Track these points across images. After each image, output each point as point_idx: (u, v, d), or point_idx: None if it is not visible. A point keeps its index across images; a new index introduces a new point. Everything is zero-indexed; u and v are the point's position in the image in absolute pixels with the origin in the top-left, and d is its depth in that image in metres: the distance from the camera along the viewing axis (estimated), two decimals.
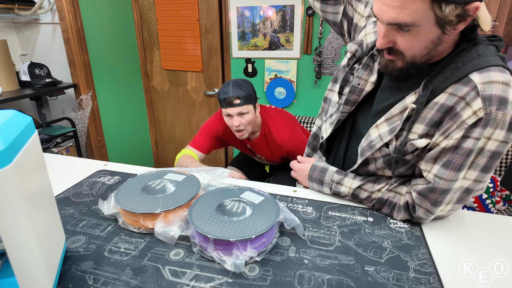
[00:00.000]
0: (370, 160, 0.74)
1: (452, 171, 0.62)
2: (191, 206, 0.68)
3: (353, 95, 0.76)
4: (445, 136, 0.62)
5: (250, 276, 0.56)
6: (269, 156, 1.50)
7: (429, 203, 0.66)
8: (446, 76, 0.61)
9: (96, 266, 0.58)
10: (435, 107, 0.62)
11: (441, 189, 0.64)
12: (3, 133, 0.42)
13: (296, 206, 0.78)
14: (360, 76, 0.75)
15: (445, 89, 0.61)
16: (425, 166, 0.67)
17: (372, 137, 0.71)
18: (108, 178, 0.91)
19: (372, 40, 0.76)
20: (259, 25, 2.32)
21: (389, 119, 0.69)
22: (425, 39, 0.58)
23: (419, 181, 0.69)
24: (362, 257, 0.62)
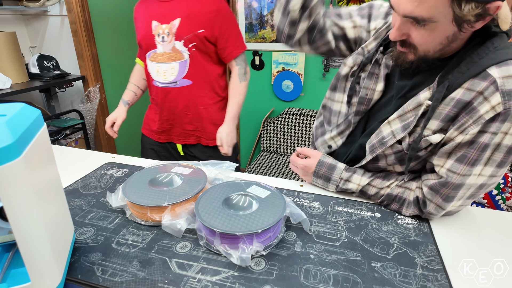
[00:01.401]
0: (380, 156, 0.73)
1: (466, 165, 0.61)
2: (197, 199, 0.68)
3: (363, 106, 0.77)
4: (461, 131, 0.60)
5: (256, 270, 0.57)
6: (187, 27, 1.16)
7: (440, 198, 0.66)
8: (462, 71, 0.60)
9: (104, 258, 0.59)
10: (451, 103, 0.61)
11: (454, 184, 0.63)
12: (12, 126, 0.42)
13: (303, 200, 0.78)
14: (367, 87, 0.75)
15: (461, 84, 0.59)
16: (437, 161, 0.65)
17: (384, 134, 0.70)
18: (116, 170, 0.92)
19: (373, 46, 0.75)
20: (266, 17, 2.29)
21: (402, 116, 0.67)
22: (440, 35, 0.57)
23: (430, 176, 0.68)
24: (369, 253, 0.61)
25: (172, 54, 1.19)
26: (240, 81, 1.28)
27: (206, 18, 1.17)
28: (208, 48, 1.21)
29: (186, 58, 1.20)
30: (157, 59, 1.20)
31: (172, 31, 1.16)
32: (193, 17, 1.16)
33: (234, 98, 1.29)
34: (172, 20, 1.16)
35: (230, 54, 1.24)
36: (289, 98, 2.47)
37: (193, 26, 1.17)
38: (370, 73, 0.75)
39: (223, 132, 1.24)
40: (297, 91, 2.42)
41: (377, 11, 0.78)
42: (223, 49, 1.22)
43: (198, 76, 1.23)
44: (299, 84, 2.40)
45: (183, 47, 1.18)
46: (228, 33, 1.22)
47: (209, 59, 1.24)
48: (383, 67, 0.74)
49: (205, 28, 1.17)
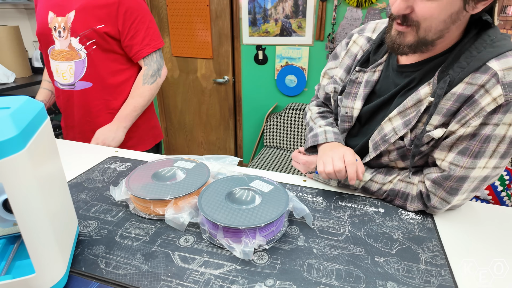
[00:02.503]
0: (383, 153, 0.73)
1: (468, 158, 0.61)
2: (200, 193, 0.68)
3: (346, 123, 0.80)
4: (462, 124, 0.60)
5: (259, 264, 0.57)
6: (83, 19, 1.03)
7: (444, 191, 0.65)
8: (462, 66, 0.59)
9: (107, 251, 0.59)
10: (452, 98, 0.60)
11: (457, 177, 0.63)
12: (15, 119, 0.42)
13: (306, 195, 0.78)
14: (345, 105, 0.78)
15: (462, 79, 0.59)
16: (439, 155, 0.65)
17: (386, 131, 0.70)
18: (119, 164, 0.92)
19: (341, 73, 0.81)
20: (270, 10, 2.27)
21: (403, 112, 0.67)
22: (446, 10, 0.55)
23: (433, 170, 0.67)
24: (372, 247, 0.61)
25: (69, 52, 1.05)
26: (143, 82, 1.14)
27: (105, 12, 1.02)
28: (112, 46, 1.07)
29: (83, 57, 1.06)
30: (56, 56, 1.07)
31: (68, 26, 1.02)
32: (90, 10, 1.01)
33: (131, 98, 1.14)
34: (68, 12, 1.01)
35: (138, 54, 1.11)
36: (292, 93, 2.46)
37: (90, 21, 1.02)
38: (346, 93, 0.78)
39: (98, 131, 1.10)
40: (301, 86, 2.41)
41: (339, 47, 0.85)
42: (129, 47, 1.09)
43: (100, 78, 1.10)
44: (303, 79, 2.38)
45: (79, 45, 1.04)
46: (134, 29, 1.07)
47: (116, 58, 1.11)
48: (364, 85, 0.75)
49: (106, 23, 1.03)
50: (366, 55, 0.76)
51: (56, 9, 1.02)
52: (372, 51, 0.75)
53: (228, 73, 2.53)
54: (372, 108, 0.74)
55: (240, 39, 2.40)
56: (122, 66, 1.13)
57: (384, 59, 0.73)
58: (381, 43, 0.75)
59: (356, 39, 0.80)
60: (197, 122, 2.83)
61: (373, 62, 0.75)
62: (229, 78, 2.53)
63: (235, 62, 2.50)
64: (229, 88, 2.58)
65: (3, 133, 0.39)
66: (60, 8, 1.02)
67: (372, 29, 0.78)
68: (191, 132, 2.90)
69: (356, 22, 2.13)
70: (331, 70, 0.87)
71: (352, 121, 0.78)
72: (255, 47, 2.41)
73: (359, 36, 0.80)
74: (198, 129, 2.86)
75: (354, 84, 0.77)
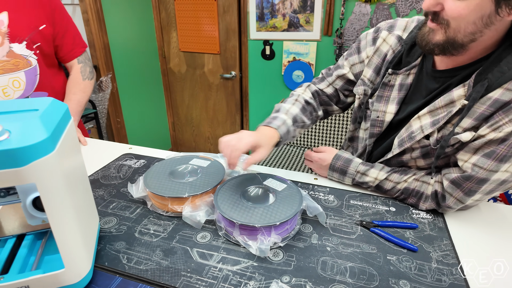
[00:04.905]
0: (407, 150, 0.73)
1: (493, 161, 0.61)
2: (216, 191, 0.70)
3: (376, 128, 0.79)
4: (494, 129, 0.59)
5: (275, 261, 0.58)
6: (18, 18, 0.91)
7: (461, 192, 0.66)
8: (503, 70, 0.57)
9: (128, 246, 0.61)
10: (487, 102, 0.59)
11: (478, 178, 0.63)
12: (45, 122, 0.44)
13: (318, 194, 0.79)
14: (377, 109, 0.77)
15: (501, 84, 0.58)
16: (462, 156, 0.65)
17: (413, 128, 0.70)
18: (134, 161, 0.94)
19: (370, 73, 0.79)
20: (278, 5, 2.26)
21: (433, 111, 0.67)
22: (476, 11, 0.54)
23: (452, 170, 0.68)
24: (384, 246, 0.62)
25: (10, 61, 0.90)
26: (83, 78, 1.08)
27: (42, 11, 0.93)
28: (51, 48, 0.99)
29: (34, 64, 0.94)
30: None
31: (2, 30, 0.87)
32: (27, 10, 0.90)
33: (73, 94, 1.06)
34: None
35: (71, 53, 1.05)
36: None
37: (31, 21, 0.91)
38: (378, 97, 0.77)
39: None
40: (308, 81, 2.39)
41: (364, 41, 0.82)
42: (59, 46, 1.01)
43: (52, 85, 1.02)
44: (310, 74, 2.38)
45: (27, 51, 0.92)
46: (65, 28, 1.01)
47: (53, 62, 1.03)
48: (397, 89, 0.74)
49: (46, 23, 0.93)
50: (399, 57, 0.73)
51: None
52: (404, 52, 0.73)
53: (235, 68, 2.53)
54: (405, 115, 0.73)
55: (248, 34, 2.39)
56: (57, 70, 1.06)
57: (418, 61, 0.71)
58: (413, 44, 0.72)
59: (386, 37, 0.77)
60: (204, 117, 2.85)
61: (406, 64, 0.73)
62: (236, 73, 2.53)
63: (242, 57, 2.49)
64: (236, 83, 2.59)
65: (34, 136, 0.41)
66: None
67: (403, 27, 0.75)
68: (198, 127, 2.92)
69: (365, 17, 2.11)
70: (355, 66, 0.84)
71: (383, 126, 0.77)
72: (262, 42, 2.40)
73: (388, 34, 0.76)
74: (205, 124, 2.87)
75: (386, 87, 0.75)
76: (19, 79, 0.92)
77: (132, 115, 2.56)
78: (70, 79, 1.09)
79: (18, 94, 0.93)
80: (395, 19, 0.78)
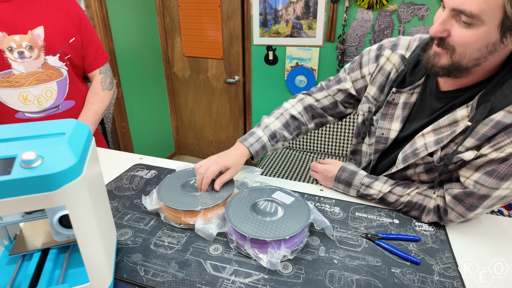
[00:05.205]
0: (410, 165, 0.76)
1: (495, 179, 0.64)
2: (227, 204, 0.73)
3: (380, 144, 0.82)
4: (495, 149, 0.62)
5: (285, 274, 0.62)
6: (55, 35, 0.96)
7: (463, 207, 0.69)
8: (505, 94, 0.60)
9: (144, 259, 0.65)
10: (490, 123, 0.62)
11: (480, 195, 0.66)
12: (72, 146, 0.47)
13: (324, 205, 0.82)
14: (381, 127, 0.81)
15: (504, 107, 0.60)
16: (464, 172, 0.68)
17: (417, 145, 0.73)
18: (145, 172, 0.97)
19: (374, 91, 0.82)
20: (281, 11, 2.29)
21: (437, 130, 0.70)
22: (482, 40, 0.56)
23: (454, 186, 0.71)
24: (389, 259, 0.65)
25: (45, 73, 0.97)
26: (102, 89, 1.12)
27: (71, 23, 0.98)
28: (80, 60, 1.04)
29: (65, 75, 1.01)
30: (18, 82, 0.93)
31: (38, 44, 0.93)
32: (60, 22, 0.96)
33: (91, 104, 1.10)
34: (29, 28, 0.91)
35: (94, 63, 1.09)
36: None
37: (63, 35, 0.97)
38: (383, 114, 0.80)
39: None
40: (311, 86, 2.43)
41: (367, 57, 0.85)
42: (83, 57, 1.06)
43: (79, 94, 1.08)
44: (313, 79, 2.41)
45: (59, 62, 0.98)
46: (89, 39, 1.06)
47: (79, 72, 1.08)
48: (401, 107, 0.77)
49: (75, 35, 0.99)
50: (402, 76, 0.76)
51: (2, 27, 0.88)
52: (408, 71, 0.76)
53: (239, 73, 2.56)
54: (409, 133, 0.76)
55: (251, 39, 2.42)
56: (82, 80, 1.11)
57: (422, 81, 0.74)
58: (416, 63, 0.75)
59: (389, 56, 0.79)
60: (207, 121, 2.88)
61: (410, 83, 0.76)
62: (239, 78, 2.56)
63: (245, 62, 2.52)
64: (239, 88, 2.61)
65: (65, 161, 0.44)
66: (10, 25, 0.88)
67: (406, 46, 0.78)
68: (201, 131, 2.95)
69: (367, 23, 2.14)
70: (357, 82, 0.87)
71: (387, 143, 0.80)
72: (265, 48, 2.43)
73: (392, 52, 0.79)
74: (208, 127, 2.90)
75: (390, 105, 0.78)
76: (51, 88, 0.99)
77: (137, 119, 2.59)
78: (90, 88, 1.14)
79: (50, 103, 1.01)
80: (397, 38, 0.81)
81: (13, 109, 0.96)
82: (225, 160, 0.80)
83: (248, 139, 0.86)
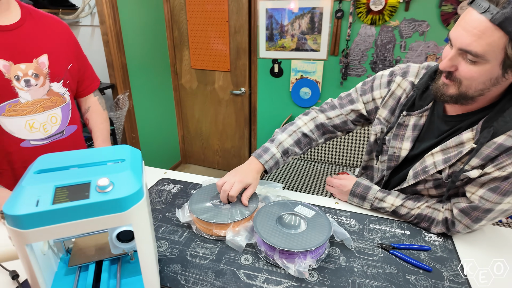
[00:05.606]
0: (420, 181, 0.84)
1: (498, 195, 0.72)
2: (254, 218, 0.80)
3: (392, 162, 0.90)
4: (498, 168, 0.70)
5: (311, 281, 0.68)
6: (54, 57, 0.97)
7: (469, 219, 0.77)
8: (506, 120, 0.68)
9: (183, 268, 0.71)
10: (492, 146, 0.70)
11: (485, 209, 0.74)
12: (134, 172, 0.54)
13: (341, 218, 0.90)
14: (393, 146, 0.88)
15: (505, 131, 0.68)
16: (470, 188, 0.76)
17: (427, 163, 0.81)
18: (172, 186, 1.04)
19: (386, 113, 0.90)
20: (287, 27, 2.38)
21: (444, 150, 0.78)
22: (486, 75, 0.64)
23: (461, 200, 0.79)
24: (403, 267, 0.73)
25: (50, 99, 0.98)
26: (103, 108, 1.19)
27: (69, 49, 1.02)
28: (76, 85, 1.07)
29: (68, 100, 1.04)
30: (24, 111, 0.93)
31: (43, 71, 0.94)
32: (61, 49, 0.99)
33: (101, 124, 1.17)
34: (33, 56, 0.92)
35: (89, 87, 1.14)
36: (306, 105, 2.57)
37: (64, 61, 0.99)
38: (394, 135, 0.88)
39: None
40: (315, 98, 2.52)
41: (379, 81, 0.92)
42: (79, 82, 1.09)
43: (78, 118, 1.11)
44: (317, 91, 2.49)
45: (63, 89, 1.00)
46: (84, 64, 1.09)
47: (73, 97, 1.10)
48: (411, 128, 0.85)
49: (73, 61, 1.02)
50: (412, 100, 0.84)
51: (8, 56, 0.88)
52: (417, 96, 0.84)
53: (245, 85, 2.64)
54: (419, 152, 0.84)
55: (257, 53, 2.51)
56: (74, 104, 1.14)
57: (430, 105, 0.82)
58: (424, 89, 0.83)
59: (400, 82, 0.87)
60: (213, 131, 2.95)
61: (419, 107, 0.84)
62: (245, 90, 2.65)
63: (251, 75, 2.61)
64: (245, 99, 2.70)
65: (131, 186, 0.51)
66: (16, 54, 0.89)
67: (415, 74, 0.86)
68: (207, 140, 3.02)
69: (370, 38, 2.24)
70: (368, 104, 0.94)
71: (398, 160, 0.88)
72: (271, 61, 2.52)
73: (402, 79, 0.87)
74: (214, 137, 2.98)
75: (401, 126, 0.86)
76: (56, 115, 1.00)
77: (146, 130, 2.66)
78: (93, 110, 1.17)
79: (55, 129, 1.01)
80: (407, 65, 0.89)
81: (19, 138, 0.95)
82: (246, 178, 0.88)
83: (263, 156, 0.93)
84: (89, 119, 1.18)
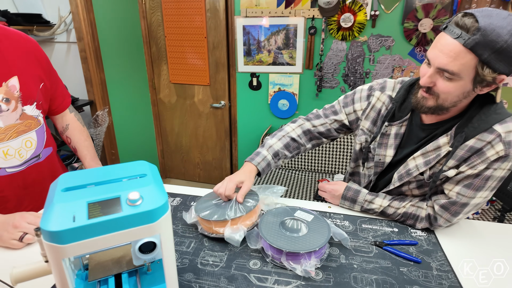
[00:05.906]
0: (405, 183, 0.94)
1: (472, 190, 0.83)
2: (259, 225, 0.85)
3: (378, 167, 1.00)
4: (470, 167, 0.82)
5: (317, 279, 0.74)
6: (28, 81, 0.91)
7: (449, 214, 0.87)
8: (474, 126, 0.80)
9: (196, 277, 0.74)
10: (465, 148, 0.81)
11: (461, 203, 0.85)
12: (157, 185, 0.58)
13: (335, 220, 0.97)
14: (378, 154, 0.98)
15: (474, 136, 0.80)
16: (448, 186, 0.87)
17: (410, 167, 0.91)
18: (171, 199, 1.06)
19: (368, 124, 1.00)
20: (264, 42, 2.49)
21: (424, 154, 0.88)
22: (459, 90, 0.75)
23: (440, 197, 0.89)
24: (396, 260, 0.81)
25: (23, 123, 0.91)
26: (82, 125, 1.14)
27: (41, 67, 0.95)
28: (48, 104, 1.01)
29: (42, 123, 0.97)
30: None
31: (14, 95, 0.87)
32: (31, 69, 0.92)
33: (85, 141, 1.14)
34: (2, 80, 0.85)
35: (63, 104, 1.08)
36: (285, 116, 2.67)
37: (35, 81, 0.93)
38: (379, 143, 0.98)
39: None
40: (293, 109, 2.63)
41: (359, 95, 1.03)
42: (52, 99, 1.03)
43: (52, 140, 1.04)
44: (294, 103, 2.61)
45: (36, 111, 0.94)
46: (55, 81, 1.03)
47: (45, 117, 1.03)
48: (393, 137, 0.95)
49: (44, 80, 0.96)
50: (392, 112, 0.94)
51: None
52: (396, 108, 0.94)
53: (225, 98, 2.70)
54: (401, 157, 0.95)
55: (236, 67, 2.59)
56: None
57: (408, 116, 0.93)
58: (402, 101, 0.94)
59: (379, 96, 0.98)
60: (193, 144, 2.96)
61: (399, 118, 0.94)
62: (225, 103, 2.70)
63: (230, 88, 2.68)
64: (225, 112, 2.75)
65: (159, 199, 0.54)
66: None
67: (392, 88, 0.97)
68: (188, 153, 3.02)
69: (341, 53, 2.40)
70: (350, 115, 1.04)
71: (384, 166, 0.98)
72: (249, 75, 2.61)
73: (381, 93, 0.98)
74: (195, 150, 2.99)
75: (384, 136, 0.96)
76: (31, 139, 0.94)
77: (125, 145, 2.62)
78: (73, 128, 1.12)
79: (30, 153, 0.95)
80: (384, 81, 1.01)
81: None
82: (238, 177, 0.94)
83: (255, 158, 1.00)
84: (70, 137, 1.13)
